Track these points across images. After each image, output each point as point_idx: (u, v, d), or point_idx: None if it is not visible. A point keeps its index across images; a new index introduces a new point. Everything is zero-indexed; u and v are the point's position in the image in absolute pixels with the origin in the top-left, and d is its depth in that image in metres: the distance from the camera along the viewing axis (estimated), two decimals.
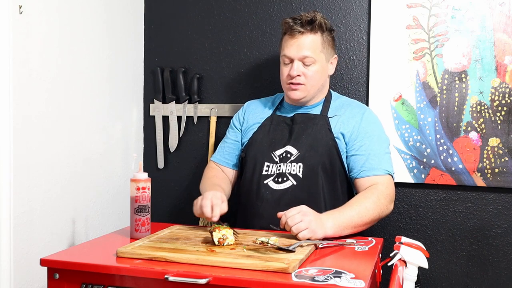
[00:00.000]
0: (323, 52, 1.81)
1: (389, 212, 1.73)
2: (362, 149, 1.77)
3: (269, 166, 1.80)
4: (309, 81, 1.81)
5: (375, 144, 1.78)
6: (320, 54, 1.80)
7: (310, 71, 1.80)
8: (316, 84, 1.83)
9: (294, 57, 1.79)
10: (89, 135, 2.00)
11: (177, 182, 2.35)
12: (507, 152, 1.96)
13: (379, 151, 1.77)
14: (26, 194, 1.68)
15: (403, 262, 1.53)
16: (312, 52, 1.79)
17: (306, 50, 1.78)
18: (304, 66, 1.80)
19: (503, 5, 1.94)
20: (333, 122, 1.82)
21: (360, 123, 1.80)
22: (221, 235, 1.45)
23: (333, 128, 1.81)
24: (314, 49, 1.79)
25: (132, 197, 1.60)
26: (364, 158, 1.75)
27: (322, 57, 1.81)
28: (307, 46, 1.78)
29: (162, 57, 2.35)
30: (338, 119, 1.83)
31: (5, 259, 1.61)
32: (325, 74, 1.86)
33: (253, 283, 1.22)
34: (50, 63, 1.78)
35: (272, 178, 1.78)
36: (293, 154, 1.79)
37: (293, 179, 1.75)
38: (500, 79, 1.95)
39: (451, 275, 2.07)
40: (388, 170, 1.75)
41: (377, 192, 1.69)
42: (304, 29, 1.78)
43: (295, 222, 1.51)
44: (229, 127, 2.03)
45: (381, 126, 1.87)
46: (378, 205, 1.67)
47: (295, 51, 1.79)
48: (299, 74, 1.79)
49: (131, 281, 1.33)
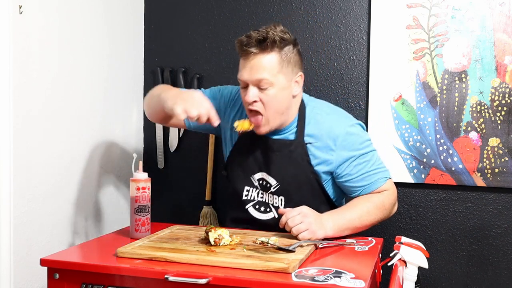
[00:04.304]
0: (281, 73, 1.59)
1: (393, 213, 1.73)
2: (355, 171, 1.66)
3: (249, 190, 1.73)
4: (268, 108, 1.60)
5: (367, 161, 1.67)
6: (277, 76, 1.58)
7: (267, 95, 1.59)
8: (278, 110, 1.62)
9: (248, 81, 1.59)
10: (89, 135, 2.00)
11: (177, 182, 2.35)
12: (507, 152, 1.96)
13: (373, 165, 1.68)
14: (26, 194, 1.68)
15: (403, 262, 1.53)
16: (268, 74, 1.57)
17: (260, 73, 1.57)
18: (260, 90, 1.59)
19: (503, 5, 1.94)
20: (312, 149, 1.66)
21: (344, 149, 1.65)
22: (217, 235, 1.46)
23: (312, 159, 1.66)
24: (270, 71, 1.57)
25: (132, 197, 1.60)
26: (361, 178, 1.66)
27: (280, 78, 1.59)
28: (261, 68, 1.57)
29: (162, 57, 2.34)
30: (317, 146, 1.66)
31: (5, 259, 1.61)
32: (287, 96, 1.63)
33: (253, 283, 1.23)
34: (50, 63, 1.77)
35: (253, 204, 1.74)
36: (272, 184, 1.69)
37: (275, 211, 1.70)
38: (500, 79, 1.95)
39: (451, 275, 2.07)
40: (387, 176, 1.70)
41: (382, 197, 1.67)
42: (256, 49, 1.57)
43: (295, 224, 1.51)
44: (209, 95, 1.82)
45: (363, 135, 1.71)
46: (382, 210, 1.66)
47: (248, 74, 1.59)
48: (255, 100, 1.59)
49: (131, 281, 1.33)
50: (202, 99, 1.54)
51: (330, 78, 2.15)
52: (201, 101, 1.54)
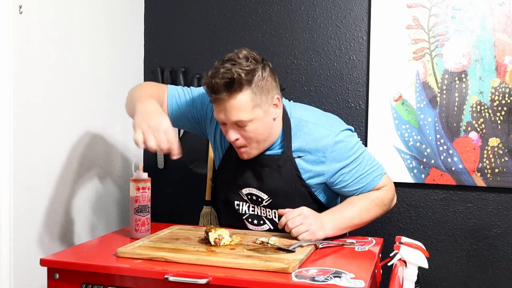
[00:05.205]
0: (257, 106, 1.53)
1: (393, 206, 1.73)
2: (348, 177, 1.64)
3: (239, 204, 1.73)
4: (251, 141, 1.58)
5: (359, 164, 1.65)
6: (254, 111, 1.53)
7: (247, 131, 1.55)
8: (261, 139, 1.59)
9: (225, 122, 1.56)
10: (89, 135, 2.00)
11: (177, 182, 2.35)
12: (507, 152, 1.96)
13: (366, 166, 1.66)
14: (26, 194, 1.68)
15: (403, 262, 1.53)
16: (244, 114, 1.52)
17: (235, 115, 1.52)
18: (239, 128, 1.55)
19: (503, 5, 1.94)
20: (302, 163, 1.63)
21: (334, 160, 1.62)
22: (217, 235, 1.46)
23: (303, 172, 1.63)
24: (245, 110, 1.52)
25: (132, 197, 1.60)
26: (357, 181, 1.65)
27: (257, 111, 1.54)
28: (235, 109, 1.51)
29: (162, 57, 2.34)
30: (307, 159, 1.63)
31: (5, 259, 1.61)
32: (267, 123, 1.58)
33: (253, 283, 1.22)
34: (50, 64, 1.77)
35: (246, 218, 1.73)
36: (264, 199, 1.67)
37: (269, 223, 1.70)
38: (500, 79, 1.95)
39: (451, 275, 2.07)
40: (381, 173, 1.69)
41: (380, 193, 1.67)
42: (225, 95, 1.50)
43: (295, 225, 1.51)
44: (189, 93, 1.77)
45: (350, 140, 1.66)
46: (381, 206, 1.66)
47: (223, 116, 1.54)
48: (237, 138, 1.57)
49: (131, 281, 1.33)
50: (167, 131, 1.47)
51: (330, 78, 2.15)
52: (166, 132, 1.47)
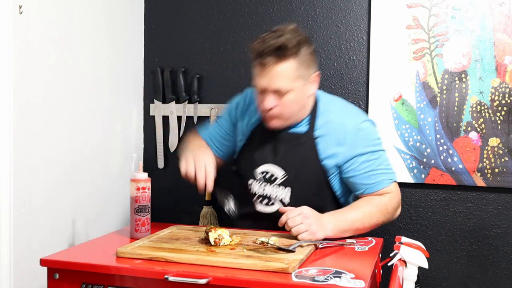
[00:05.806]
0: (300, 77, 1.60)
1: (396, 216, 1.73)
2: (361, 167, 1.66)
3: (251, 184, 1.74)
4: (285, 110, 1.62)
5: (375, 159, 1.67)
6: (296, 81, 1.59)
7: (285, 100, 1.60)
8: (293, 111, 1.65)
9: (266, 89, 1.60)
10: (89, 135, 2.00)
11: (177, 182, 2.34)
12: (507, 152, 1.96)
13: (380, 164, 1.68)
14: (26, 194, 1.68)
15: (403, 262, 1.53)
16: (287, 82, 1.57)
17: (278, 82, 1.57)
18: (278, 96, 1.60)
19: (503, 5, 1.94)
20: (321, 144, 1.67)
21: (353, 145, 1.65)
22: (217, 235, 1.46)
23: (321, 153, 1.67)
24: (288, 78, 1.57)
25: (132, 197, 1.60)
26: (367, 175, 1.66)
27: (299, 83, 1.60)
28: (280, 76, 1.57)
29: (162, 57, 2.34)
30: (326, 140, 1.67)
31: (5, 259, 1.61)
32: (304, 97, 1.65)
33: (253, 283, 1.22)
34: (50, 63, 1.77)
35: (257, 197, 1.74)
36: (279, 176, 1.69)
37: (279, 204, 1.70)
38: (500, 79, 1.95)
39: (451, 275, 2.07)
40: (392, 179, 1.69)
41: (385, 200, 1.66)
42: (273, 59, 1.55)
43: (295, 224, 1.51)
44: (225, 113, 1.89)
45: (373, 133, 1.72)
46: (384, 213, 1.66)
47: (266, 83, 1.58)
48: (274, 106, 1.61)
49: (131, 281, 1.33)
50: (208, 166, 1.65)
51: (330, 78, 2.15)
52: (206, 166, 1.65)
